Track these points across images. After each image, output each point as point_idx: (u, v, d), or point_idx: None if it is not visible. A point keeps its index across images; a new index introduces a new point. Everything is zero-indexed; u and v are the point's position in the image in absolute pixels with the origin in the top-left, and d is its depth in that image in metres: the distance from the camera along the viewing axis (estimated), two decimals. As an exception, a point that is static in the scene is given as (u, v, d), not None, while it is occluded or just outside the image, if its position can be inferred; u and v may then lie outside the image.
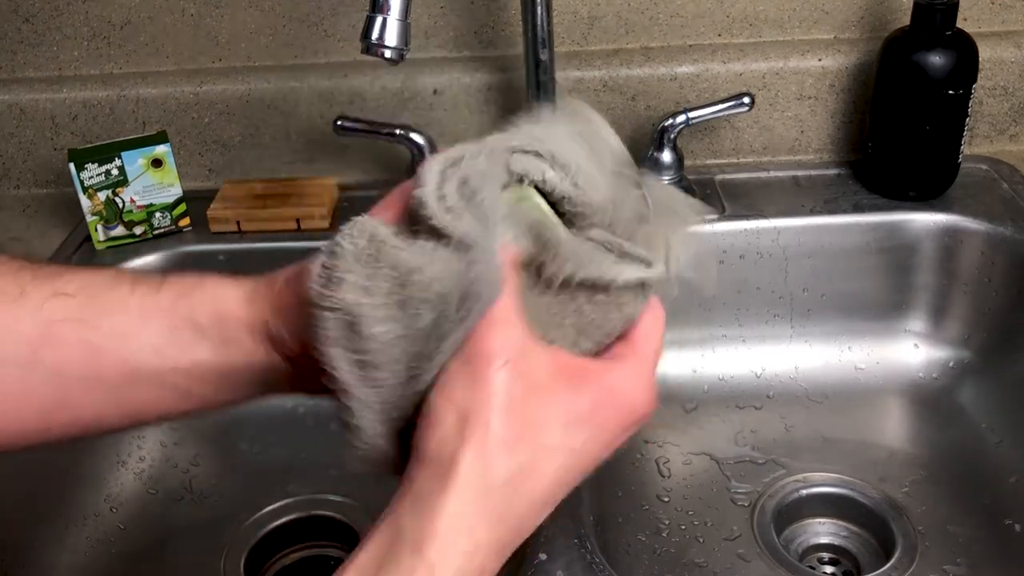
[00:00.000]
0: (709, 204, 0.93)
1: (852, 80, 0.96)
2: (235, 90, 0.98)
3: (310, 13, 0.98)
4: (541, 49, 0.87)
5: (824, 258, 0.92)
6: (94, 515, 0.83)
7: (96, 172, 0.89)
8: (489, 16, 0.98)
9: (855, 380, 0.92)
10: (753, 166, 1.00)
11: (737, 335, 0.94)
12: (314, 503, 0.83)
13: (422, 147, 0.91)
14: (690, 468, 0.85)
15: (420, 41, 0.98)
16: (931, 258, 0.91)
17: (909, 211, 0.91)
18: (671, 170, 0.92)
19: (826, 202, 0.93)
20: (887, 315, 0.93)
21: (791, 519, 0.81)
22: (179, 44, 1.00)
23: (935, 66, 0.86)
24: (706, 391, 0.92)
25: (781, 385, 0.92)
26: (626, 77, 0.96)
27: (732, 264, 0.92)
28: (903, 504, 0.80)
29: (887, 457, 0.84)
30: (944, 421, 0.88)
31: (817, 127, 0.99)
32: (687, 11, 0.97)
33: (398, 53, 0.72)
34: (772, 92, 0.97)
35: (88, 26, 0.99)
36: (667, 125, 0.91)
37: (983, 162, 0.97)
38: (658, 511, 0.81)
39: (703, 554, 0.77)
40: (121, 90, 0.99)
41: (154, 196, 0.92)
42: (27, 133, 1.01)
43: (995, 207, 0.91)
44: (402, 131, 0.91)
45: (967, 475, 0.82)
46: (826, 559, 0.80)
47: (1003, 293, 0.88)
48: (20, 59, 1.01)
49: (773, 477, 0.83)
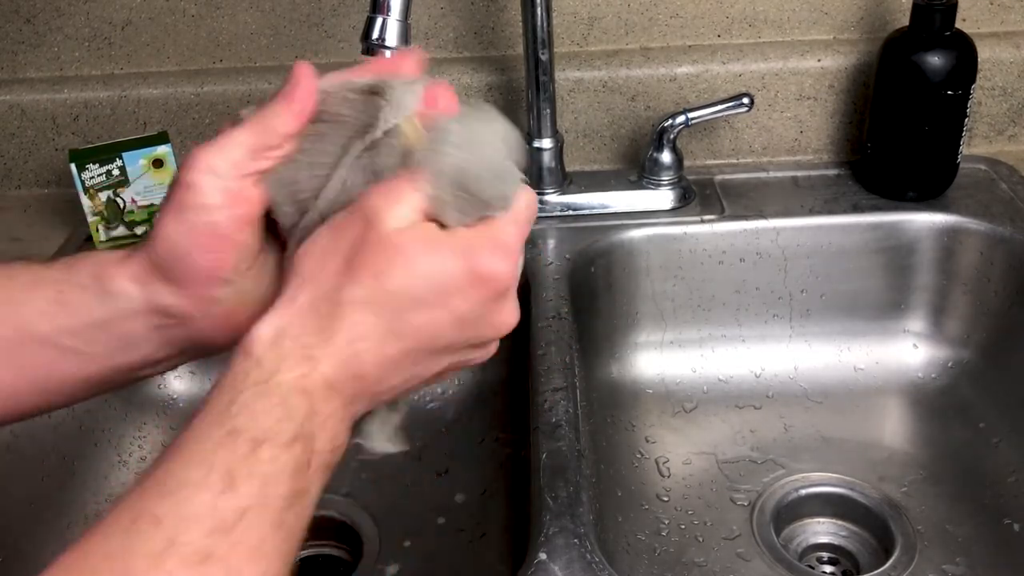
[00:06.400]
0: (709, 204, 0.94)
1: (851, 80, 0.97)
2: (236, 90, 0.98)
3: (311, 14, 0.98)
4: (541, 49, 0.87)
5: (823, 258, 0.92)
6: (95, 515, 0.83)
7: (97, 172, 0.89)
8: (489, 16, 0.98)
9: (854, 380, 0.92)
10: (752, 166, 1.00)
11: (736, 335, 0.94)
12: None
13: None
14: (690, 468, 0.85)
15: (420, 41, 0.99)
16: (930, 258, 0.91)
17: (908, 211, 0.91)
18: (671, 170, 0.93)
19: (825, 202, 0.94)
20: (886, 315, 0.93)
21: (790, 518, 0.81)
22: (180, 44, 1.00)
23: (934, 66, 0.86)
24: (706, 391, 0.92)
25: (780, 385, 0.92)
26: (626, 77, 0.97)
27: (731, 264, 0.92)
28: (902, 504, 0.80)
29: (886, 457, 0.85)
30: (943, 421, 0.88)
31: (816, 127, 0.99)
32: (687, 12, 0.97)
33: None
34: (771, 92, 0.97)
35: (89, 26, 0.99)
36: (667, 125, 0.91)
37: (982, 162, 0.98)
38: (658, 511, 0.81)
39: (703, 553, 0.77)
40: (122, 90, 0.99)
41: (155, 196, 0.92)
42: (28, 133, 1.01)
43: (994, 207, 0.91)
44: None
45: (966, 475, 0.82)
46: (825, 558, 0.80)
47: (1002, 293, 0.89)
48: (21, 59, 1.01)
49: (772, 477, 0.83)
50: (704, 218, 0.92)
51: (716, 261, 0.92)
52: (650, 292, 0.93)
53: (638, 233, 0.91)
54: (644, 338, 0.94)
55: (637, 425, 0.89)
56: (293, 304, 0.42)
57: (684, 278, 0.92)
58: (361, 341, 0.42)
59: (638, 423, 0.89)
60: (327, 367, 0.41)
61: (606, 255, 0.91)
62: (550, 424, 0.70)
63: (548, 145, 0.92)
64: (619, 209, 0.93)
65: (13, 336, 0.48)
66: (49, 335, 0.48)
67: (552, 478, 0.65)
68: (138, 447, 0.89)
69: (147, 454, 0.89)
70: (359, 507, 0.83)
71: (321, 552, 0.83)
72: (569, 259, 0.88)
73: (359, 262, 0.42)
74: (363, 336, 0.42)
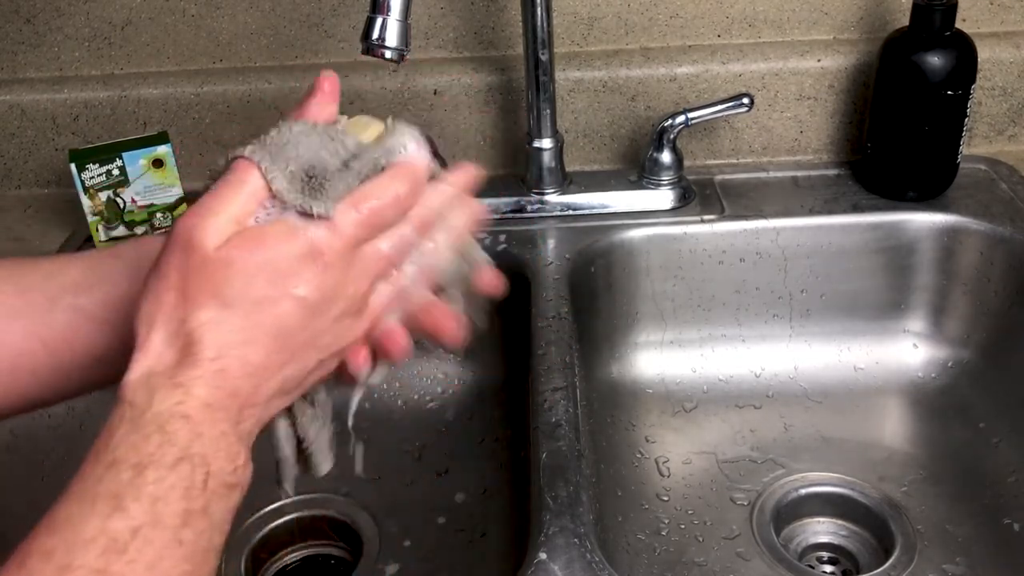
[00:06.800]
0: (709, 204, 0.94)
1: (851, 81, 0.97)
2: (236, 90, 0.98)
3: (310, 14, 0.98)
4: (541, 49, 0.87)
5: (823, 258, 0.92)
6: (95, 514, 0.83)
7: (97, 172, 0.89)
8: (489, 16, 0.98)
9: (854, 380, 0.92)
10: (752, 166, 1.00)
11: (736, 335, 0.94)
12: (314, 503, 0.83)
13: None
14: (690, 467, 0.85)
15: (420, 42, 0.99)
16: (930, 258, 0.91)
17: (908, 211, 0.91)
18: (671, 170, 0.93)
19: (825, 202, 0.94)
20: (886, 315, 0.93)
21: (790, 518, 0.81)
22: (180, 44, 1.00)
23: (934, 66, 0.86)
24: (706, 391, 0.92)
25: (780, 385, 0.92)
26: (626, 78, 0.97)
27: (731, 264, 0.92)
28: (902, 503, 0.80)
29: (886, 457, 0.85)
30: (943, 421, 0.88)
31: (816, 127, 0.99)
32: (686, 12, 0.97)
33: (398, 54, 0.72)
34: (771, 92, 0.97)
35: (89, 27, 0.99)
36: (667, 125, 0.91)
37: (982, 162, 0.98)
38: (658, 510, 0.81)
39: (702, 553, 0.77)
40: (122, 90, 0.99)
41: (155, 196, 0.92)
42: (28, 133, 1.01)
43: (994, 207, 0.91)
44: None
45: (966, 475, 0.82)
46: (825, 558, 0.80)
47: (1002, 293, 0.89)
48: (21, 59, 1.01)
49: (772, 476, 0.83)
50: (704, 218, 0.92)
51: (716, 261, 0.92)
52: (650, 292, 0.93)
53: (638, 233, 0.91)
54: (644, 338, 0.94)
55: (637, 425, 0.89)
56: (149, 347, 0.43)
57: (684, 278, 0.92)
58: (223, 358, 0.43)
59: (638, 423, 0.89)
60: (200, 390, 0.42)
61: (606, 255, 0.91)
62: (550, 424, 0.70)
63: (548, 145, 0.92)
64: (619, 209, 0.93)
65: (44, 305, 0.50)
66: (76, 302, 0.51)
67: (552, 478, 0.65)
68: (138, 447, 0.89)
69: (147, 454, 0.89)
70: (359, 507, 0.83)
71: (321, 552, 0.83)
72: (569, 259, 0.88)
73: (193, 289, 0.43)
74: (223, 353, 0.43)
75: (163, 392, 0.41)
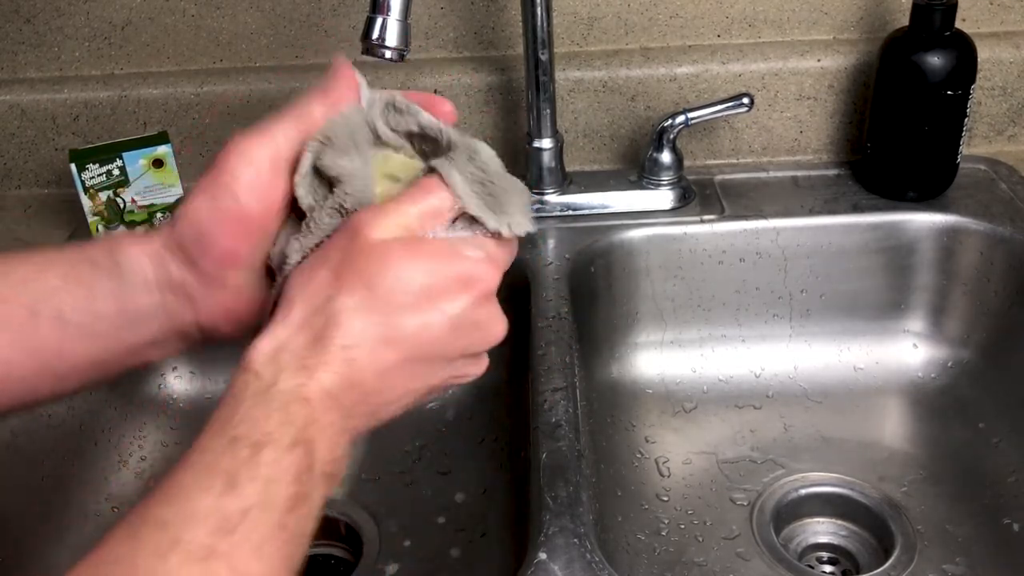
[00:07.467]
0: (709, 204, 0.94)
1: (851, 80, 0.97)
2: (236, 91, 0.98)
3: (310, 14, 0.98)
4: (541, 49, 0.87)
5: (823, 258, 0.92)
6: (95, 515, 0.83)
7: (97, 172, 0.89)
8: (489, 16, 0.98)
9: (854, 380, 0.92)
10: (752, 166, 1.00)
11: (736, 335, 0.94)
12: (314, 502, 0.83)
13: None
14: (689, 468, 0.85)
15: (420, 41, 0.99)
16: (930, 258, 0.91)
17: (908, 211, 0.91)
18: (670, 171, 0.93)
19: (825, 202, 0.94)
20: (886, 315, 0.93)
21: (790, 518, 0.81)
22: (180, 45, 1.00)
23: (934, 66, 0.86)
24: (705, 391, 0.92)
25: (780, 385, 0.92)
26: (625, 78, 0.97)
27: (731, 264, 0.92)
28: (902, 503, 0.80)
29: (886, 457, 0.85)
30: (943, 421, 0.88)
31: (816, 127, 0.99)
32: (686, 12, 0.97)
33: (398, 54, 0.72)
34: (771, 93, 0.97)
35: (89, 26, 0.99)
36: (666, 125, 0.91)
37: (982, 162, 0.98)
38: (658, 510, 0.81)
39: (702, 553, 0.77)
40: (122, 90, 0.99)
41: (155, 196, 0.92)
42: (28, 133, 1.01)
43: (994, 207, 0.91)
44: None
45: (966, 475, 0.82)
46: (825, 558, 0.80)
47: (1002, 293, 0.89)
48: (21, 59, 1.01)
49: (772, 476, 0.83)
50: (704, 218, 0.92)
51: (716, 261, 0.92)
52: (650, 292, 0.93)
53: (638, 233, 0.91)
54: (644, 338, 0.94)
55: (637, 425, 0.89)
56: (288, 321, 0.43)
57: (684, 278, 0.92)
58: (356, 348, 0.43)
59: (638, 423, 0.89)
60: (325, 376, 0.42)
61: (606, 255, 0.91)
62: (550, 424, 0.70)
63: (548, 145, 0.92)
64: (619, 209, 0.93)
65: (25, 315, 0.49)
66: (59, 311, 0.49)
67: (552, 478, 0.65)
68: (138, 447, 0.89)
69: (147, 454, 0.89)
70: (359, 507, 0.83)
71: (321, 552, 0.83)
72: (569, 259, 0.88)
73: (347, 272, 0.43)
74: (357, 343, 0.43)
75: (289, 372, 0.42)
